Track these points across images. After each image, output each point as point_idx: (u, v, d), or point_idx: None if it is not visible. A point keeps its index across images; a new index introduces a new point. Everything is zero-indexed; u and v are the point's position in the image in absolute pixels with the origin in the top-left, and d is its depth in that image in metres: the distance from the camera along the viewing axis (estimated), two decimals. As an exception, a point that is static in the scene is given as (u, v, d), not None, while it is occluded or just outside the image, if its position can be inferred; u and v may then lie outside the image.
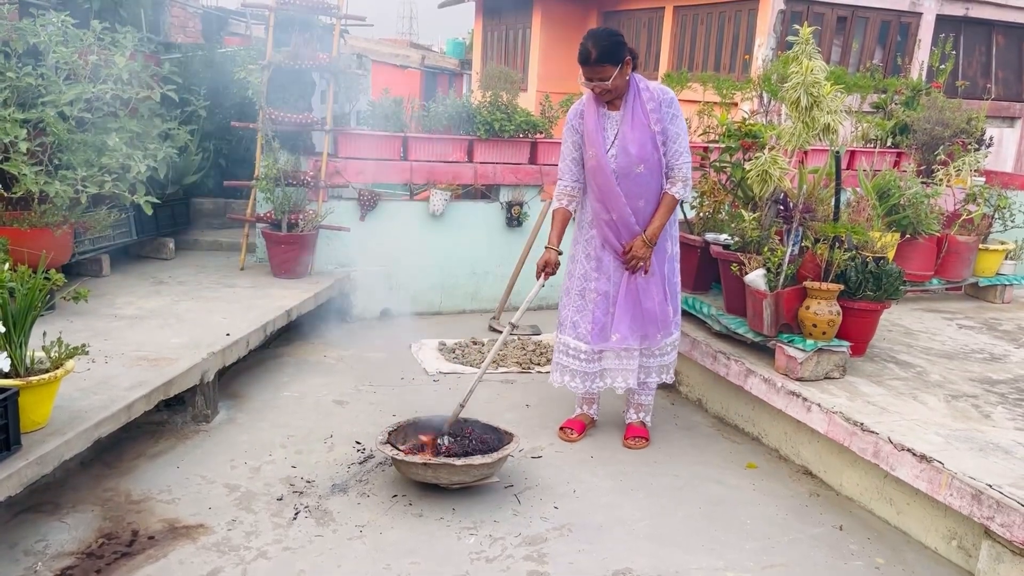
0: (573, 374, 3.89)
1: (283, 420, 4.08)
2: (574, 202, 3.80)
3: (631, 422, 4.03)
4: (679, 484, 3.59)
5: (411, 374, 4.84)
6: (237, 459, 3.61)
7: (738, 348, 4.16)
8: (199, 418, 3.95)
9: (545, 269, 3.70)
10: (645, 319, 3.74)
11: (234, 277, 5.47)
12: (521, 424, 4.12)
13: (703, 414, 4.44)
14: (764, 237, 4.09)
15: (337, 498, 3.31)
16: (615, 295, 3.74)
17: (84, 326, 4.24)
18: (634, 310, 3.73)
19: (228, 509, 3.18)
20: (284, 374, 4.74)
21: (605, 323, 3.77)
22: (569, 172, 3.78)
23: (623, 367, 3.81)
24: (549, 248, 3.72)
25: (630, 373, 3.80)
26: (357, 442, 3.84)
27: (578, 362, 3.86)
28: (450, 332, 5.72)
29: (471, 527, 3.14)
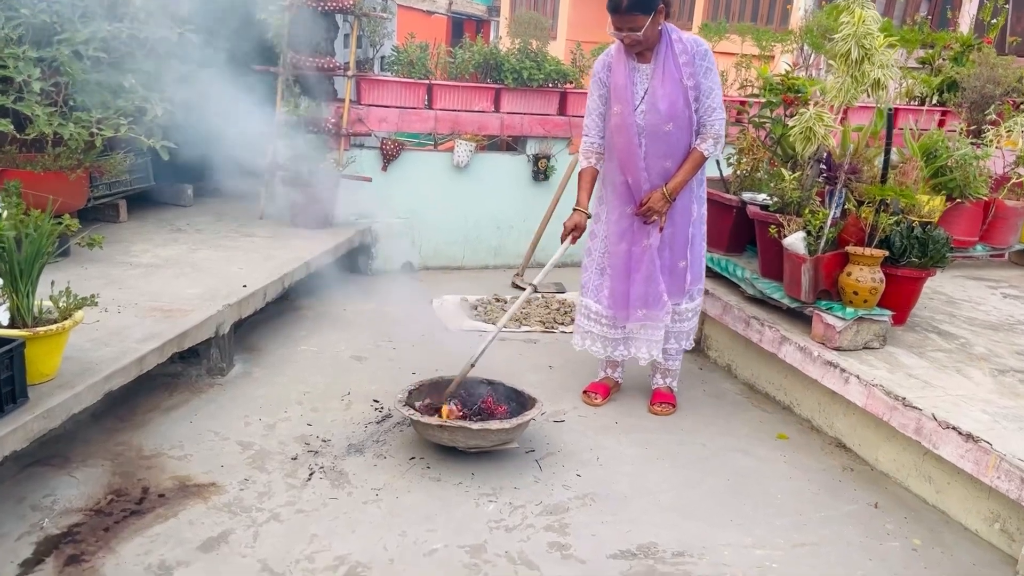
0: (594, 339, 3.74)
1: (300, 375, 3.98)
2: (602, 160, 3.61)
3: (657, 387, 3.89)
4: (706, 454, 3.46)
5: (432, 330, 4.72)
6: (252, 415, 3.52)
7: (772, 314, 3.99)
8: (214, 371, 3.86)
9: (572, 232, 3.52)
10: (665, 286, 3.57)
11: (253, 226, 5.35)
12: (543, 386, 4.00)
13: (732, 380, 4.29)
14: (805, 198, 3.89)
15: (353, 459, 3.22)
16: (634, 261, 3.57)
17: (98, 274, 4.14)
18: (654, 277, 3.55)
19: (241, 468, 3.09)
20: (302, 327, 4.63)
21: (624, 291, 3.60)
22: (595, 128, 3.58)
23: (648, 337, 3.65)
24: (577, 210, 3.54)
25: (655, 344, 3.65)
26: (375, 400, 3.74)
27: (600, 327, 3.71)
28: (472, 288, 5.58)
29: (490, 494, 3.04)
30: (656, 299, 3.57)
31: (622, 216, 3.56)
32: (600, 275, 3.69)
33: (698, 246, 3.65)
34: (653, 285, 3.56)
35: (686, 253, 3.59)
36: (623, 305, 3.63)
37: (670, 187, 3.42)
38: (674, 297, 3.63)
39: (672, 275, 3.59)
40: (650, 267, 3.53)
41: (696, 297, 3.72)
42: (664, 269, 3.56)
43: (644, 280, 3.56)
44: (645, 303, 3.58)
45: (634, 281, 3.58)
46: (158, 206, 5.66)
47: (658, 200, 3.42)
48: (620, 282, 3.61)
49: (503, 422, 3.13)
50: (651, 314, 3.60)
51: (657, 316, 3.60)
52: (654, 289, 3.56)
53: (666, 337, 3.71)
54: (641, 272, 3.56)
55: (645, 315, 3.61)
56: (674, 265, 3.59)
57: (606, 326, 3.70)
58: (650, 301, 3.58)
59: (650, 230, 3.51)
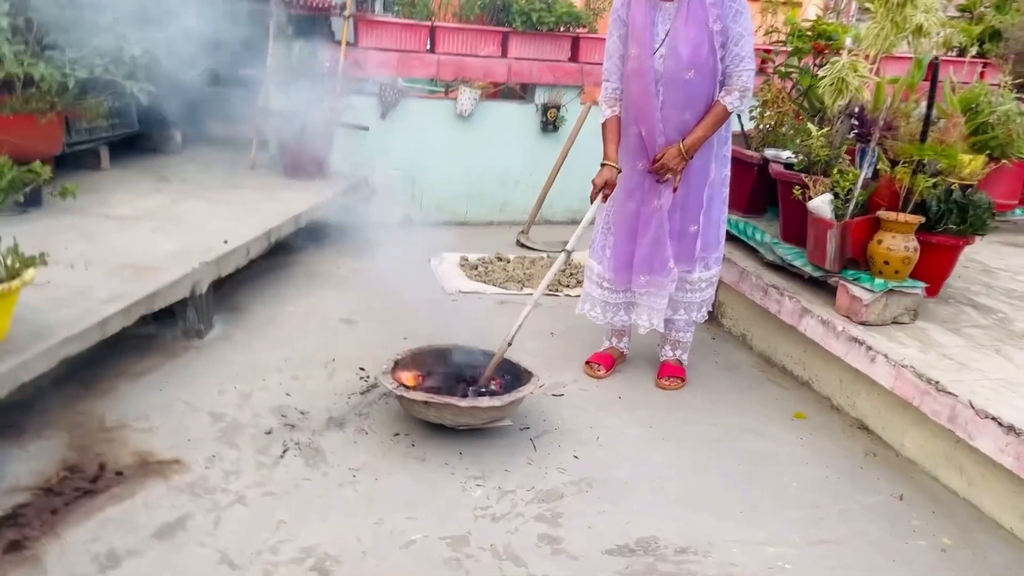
0: (594, 303, 3.46)
1: (284, 339, 3.72)
2: None
3: (666, 359, 3.60)
4: (716, 435, 3.19)
5: (428, 291, 4.44)
6: (227, 383, 3.27)
7: (793, 282, 3.68)
8: (190, 334, 3.60)
9: (603, 189, 3.19)
10: (672, 251, 3.26)
11: (243, 177, 5.05)
12: (543, 355, 3.72)
13: (747, 352, 3.99)
14: (833, 157, 3.54)
15: (332, 434, 2.97)
16: (642, 222, 3.26)
17: (70, 226, 3.87)
18: (661, 241, 3.24)
19: (209, 442, 2.85)
20: (291, 285, 4.37)
21: (627, 254, 3.30)
22: (616, 72, 3.24)
23: (650, 304, 3.36)
24: (606, 164, 3.20)
25: (656, 312, 3.36)
26: (361, 368, 3.48)
27: (601, 290, 3.42)
28: (474, 245, 5.28)
29: (478, 476, 2.78)
30: (661, 265, 3.27)
31: (632, 171, 3.24)
32: (606, 234, 3.39)
33: (716, 211, 3.33)
34: (659, 250, 3.25)
35: (698, 217, 3.27)
36: (625, 268, 3.34)
37: (687, 143, 3.09)
38: (682, 264, 3.33)
39: (681, 240, 3.28)
40: (658, 230, 3.23)
41: (712, 266, 3.41)
42: (673, 233, 3.25)
43: (650, 244, 3.25)
44: (649, 268, 3.29)
45: (639, 244, 3.27)
46: (144, 154, 5.37)
47: (673, 157, 3.10)
48: (624, 243, 3.31)
49: (494, 399, 2.86)
50: (654, 280, 3.31)
51: (661, 283, 3.30)
52: (660, 254, 3.26)
53: (675, 307, 3.42)
54: (648, 235, 3.25)
55: (648, 281, 3.31)
56: (684, 230, 3.28)
57: (607, 290, 3.41)
58: (655, 266, 3.28)
59: (662, 190, 3.19)
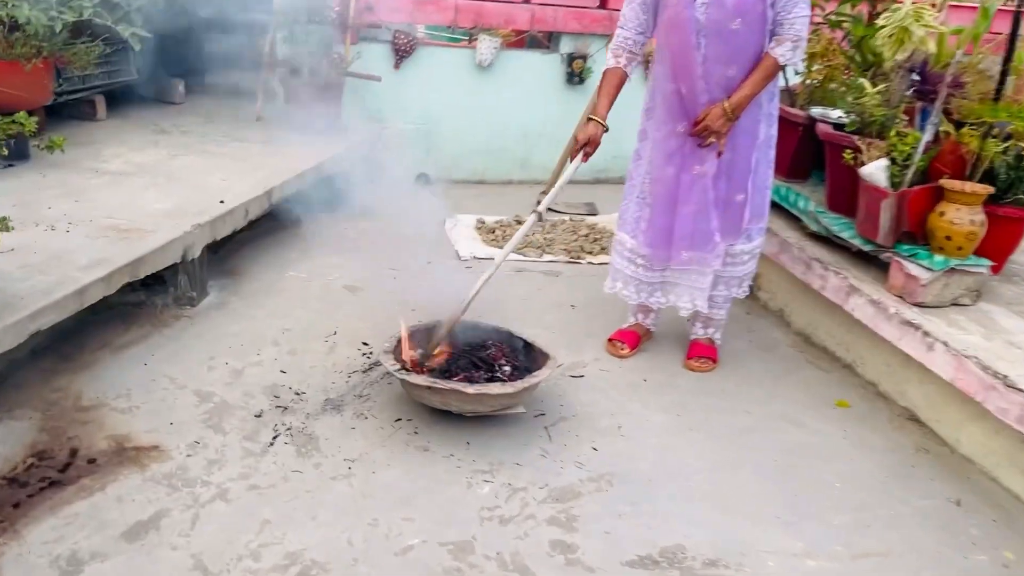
0: (627, 281, 3.15)
1: (283, 308, 3.46)
2: (634, 61, 2.93)
3: (696, 338, 3.30)
4: (750, 424, 2.90)
5: (441, 257, 4.15)
6: (218, 357, 3.02)
7: (839, 256, 3.34)
8: (182, 301, 3.35)
9: (585, 147, 2.88)
10: (718, 223, 2.94)
11: (247, 129, 4.76)
12: (562, 330, 3.44)
13: (784, 330, 3.68)
14: (890, 117, 3.17)
15: (328, 418, 2.71)
16: (682, 191, 2.93)
17: (56, 182, 3.61)
18: (705, 212, 2.92)
19: (193, 426, 2.60)
20: (294, 248, 4.10)
21: (667, 227, 2.98)
22: (635, 19, 2.89)
23: (692, 284, 3.06)
24: (592, 120, 2.88)
25: (699, 292, 3.05)
26: (364, 343, 3.21)
27: (634, 267, 3.11)
28: (492, 206, 4.97)
29: (486, 470, 2.52)
30: (705, 239, 2.96)
31: (671, 135, 2.90)
32: (640, 205, 3.07)
33: (762, 175, 2.99)
34: (703, 222, 2.93)
35: (746, 184, 2.94)
36: (664, 243, 3.02)
37: (733, 102, 2.74)
38: (727, 237, 3.01)
39: (727, 210, 2.96)
40: (701, 200, 2.90)
41: (755, 237, 3.09)
42: (718, 203, 2.93)
43: (692, 215, 2.93)
44: (691, 243, 2.97)
45: (680, 215, 2.95)
46: (144, 104, 5.07)
47: (717, 118, 2.76)
48: (663, 216, 2.99)
49: (505, 386, 2.58)
50: (698, 256, 2.99)
51: (705, 260, 2.99)
52: (704, 227, 2.94)
53: (714, 282, 3.10)
54: (690, 205, 2.93)
55: (690, 257, 3.00)
56: (730, 199, 2.95)
57: (642, 267, 3.10)
58: (697, 241, 2.96)
59: (704, 155, 2.86)
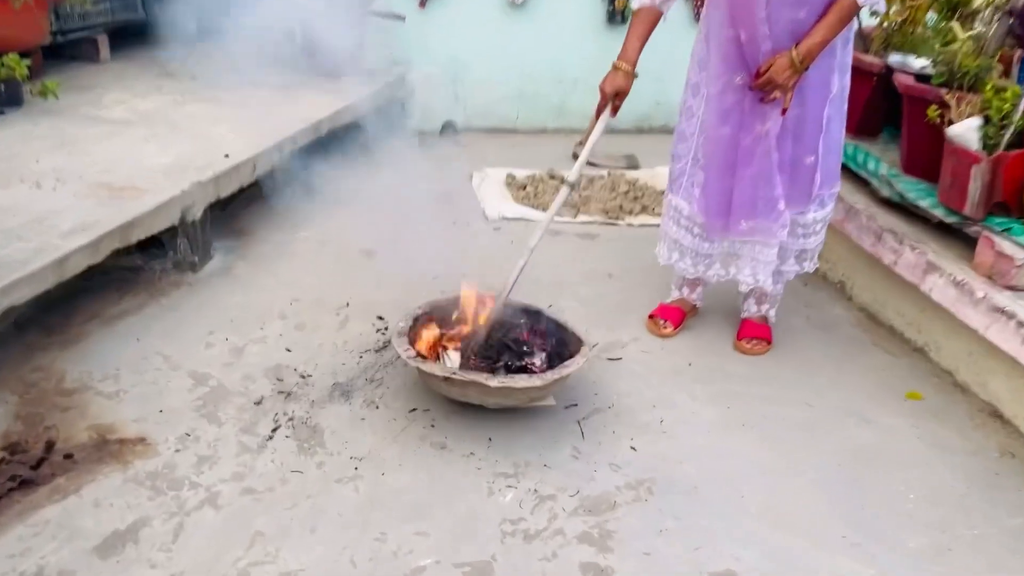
0: (683, 252, 2.80)
1: (292, 274, 3.17)
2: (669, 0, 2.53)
3: (749, 316, 2.96)
4: (809, 420, 2.56)
5: (466, 216, 3.83)
6: (218, 332, 2.74)
7: (915, 227, 2.95)
8: (183, 267, 3.07)
9: (614, 100, 2.50)
10: (783, 189, 2.57)
11: (261, 73, 4.39)
12: (597, 304, 3.11)
13: (846, 304, 3.31)
14: (984, 68, 2.75)
15: (335, 407, 2.43)
16: (742, 153, 2.56)
17: (49, 132, 3.33)
18: (768, 176, 2.55)
19: (185, 415, 2.34)
20: (310, 204, 3.78)
21: (723, 193, 2.62)
22: None
23: (755, 256, 2.70)
24: (617, 67, 2.49)
25: (763, 266, 2.69)
26: (379, 317, 2.92)
27: (691, 237, 2.76)
28: (524, 158, 4.60)
29: (510, 473, 2.23)
30: (769, 207, 2.59)
31: (728, 88, 2.52)
32: (692, 167, 2.70)
33: (835, 134, 2.60)
34: (765, 188, 2.56)
35: (816, 144, 2.56)
36: (721, 212, 2.66)
37: (803, 50, 2.34)
38: (794, 205, 2.64)
39: (794, 174, 2.58)
40: (763, 163, 2.53)
41: (828, 203, 2.72)
42: (784, 166, 2.55)
43: (753, 180, 2.56)
44: (752, 211, 2.61)
45: (740, 180, 2.58)
46: (153, 45, 4.73)
47: (784, 69, 2.36)
48: (719, 180, 2.62)
49: (532, 378, 2.27)
50: (760, 226, 2.63)
51: (769, 230, 2.63)
52: (766, 193, 2.57)
53: (782, 254, 2.74)
54: (750, 169, 2.55)
55: (751, 228, 2.64)
56: (798, 161, 2.57)
57: (697, 237, 2.75)
58: (759, 209, 2.60)
59: (768, 111, 2.47)
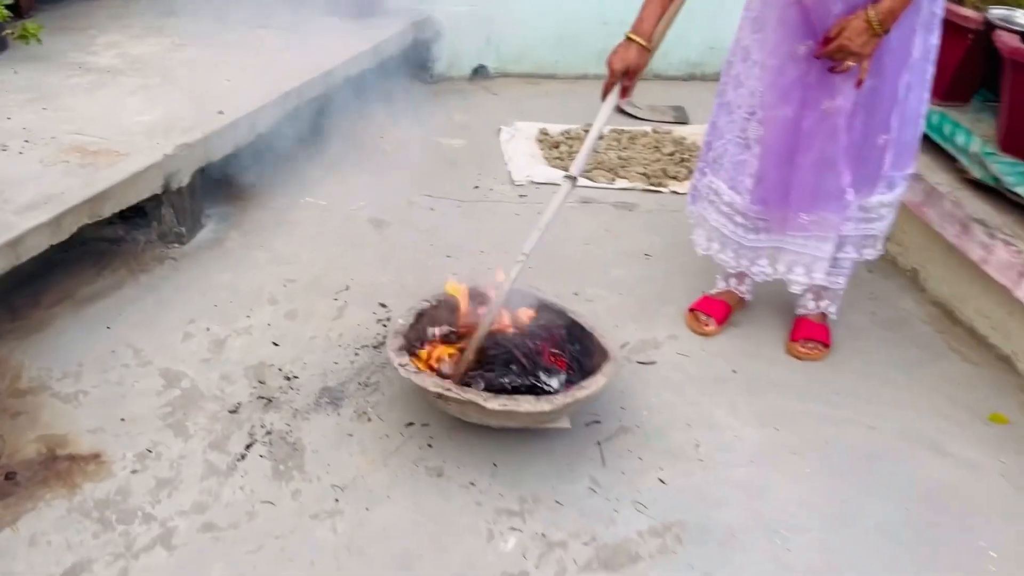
0: (724, 243, 2.40)
1: (290, 249, 2.85)
2: None
3: (806, 314, 2.56)
4: (872, 447, 2.19)
5: (491, 179, 3.44)
6: (200, 320, 2.44)
7: (1012, 217, 2.49)
8: (168, 238, 2.77)
9: (623, 79, 2.07)
10: (850, 176, 2.15)
11: (272, 12, 4.02)
12: (630, 292, 2.74)
13: (917, 297, 2.88)
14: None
15: (320, 418, 2.12)
16: (804, 135, 2.12)
17: (28, 82, 3.01)
18: (833, 162, 2.12)
19: (149, 425, 2.05)
20: (317, 165, 3.44)
21: (781, 182, 2.20)
22: None
23: (810, 251, 2.30)
24: (630, 39, 2.05)
25: (818, 262, 2.30)
26: (381, 304, 2.58)
27: (733, 225, 2.35)
28: (560, 109, 4.18)
29: (515, 511, 1.91)
30: (832, 197, 2.18)
31: (788, 61, 2.07)
32: (742, 148, 2.28)
33: (914, 104, 2.15)
34: (830, 175, 2.14)
35: (889, 121, 2.11)
36: (779, 202, 2.24)
37: (883, 9, 1.88)
38: (863, 191, 2.22)
39: (863, 156, 2.15)
40: (829, 147, 2.10)
41: (899, 184, 2.28)
42: (851, 148, 2.12)
43: (816, 166, 2.14)
44: (813, 203, 2.19)
45: (799, 167, 2.16)
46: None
47: (859, 33, 1.91)
48: (776, 167, 2.20)
49: (539, 401, 1.92)
50: (821, 219, 2.22)
51: (829, 222, 2.22)
52: (831, 182, 2.15)
53: (840, 241, 2.34)
54: (812, 153, 2.13)
55: (811, 221, 2.23)
56: (868, 142, 2.14)
57: (741, 226, 2.34)
58: (821, 200, 2.19)
59: (837, 85, 2.03)
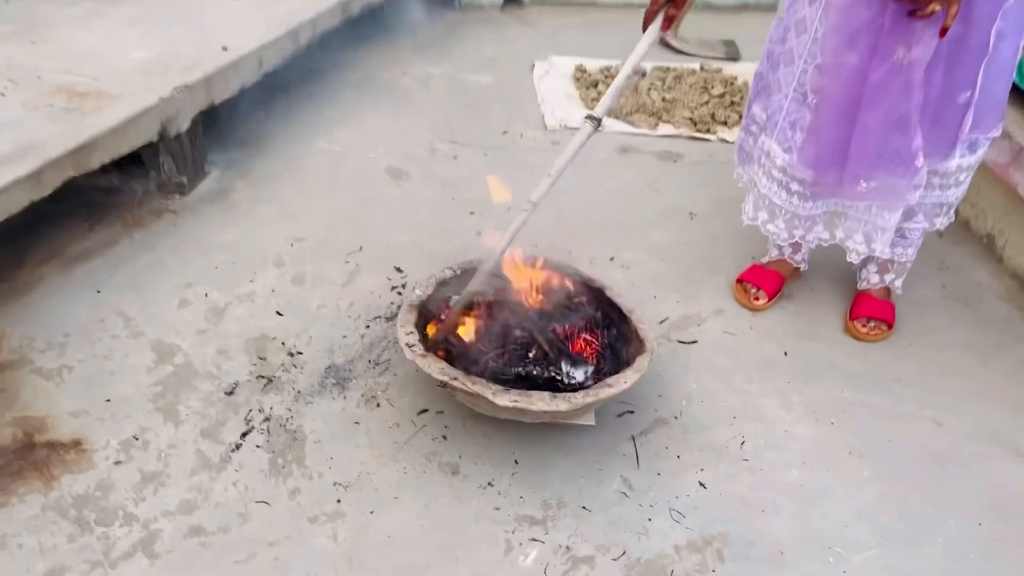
0: (774, 212, 2.12)
1: (300, 201, 2.61)
2: None
3: (868, 288, 2.29)
4: (941, 446, 1.94)
5: (521, 123, 3.15)
6: (198, 284, 2.23)
7: (1115, 184, 2.18)
8: (168, 188, 2.54)
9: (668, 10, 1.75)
10: (923, 138, 1.84)
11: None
12: (671, 258, 2.47)
13: (994, 268, 2.57)
14: None
15: (326, 403, 1.92)
16: (871, 89, 1.81)
17: (19, 11, 2.78)
18: (905, 122, 1.81)
19: (137, 407, 1.87)
20: (334, 106, 3.17)
21: (840, 142, 1.90)
22: None
23: (873, 220, 2.02)
24: None
25: (881, 233, 2.02)
26: (397, 268, 2.35)
27: (787, 194, 2.06)
28: (602, 41, 3.84)
29: (537, 519, 1.70)
30: (899, 162, 1.88)
31: (858, 1, 1.75)
32: (797, 104, 1.97)
33: (1005, 54, 1.80)
34: (898, 137, 1.84)
35: (974, 77, 1.79)
36: (834, 163, 1.95)
37: None
38: (935, 156, 1.92)
39: (939, 115, 1.85)
40: (900, 103, 1.79)
41: (981, 146, 1.98)
42: (927, 106, 1.81)
43: (882, 126, 1.84)
44: (875, 167, 1.90)
45: (864, 126, 1.85)
46: None
47: (950, -26, 1.59)
48: (835, 125, 1.89)
49: (555, 399, 1.68)
50: (888, 185, 1.93)
51: (894, 190, 1.93)
52: (900, 145, 1.85)
53: (908, 209, 2.05)
54: (880, 111, 1.82)
55: (875, 188, 1.94)
56: (948, 99, 1.82)
57: (797, 194, 2.05)
58: (885, 164, 1.89)
59: (917, 32, 1.70)
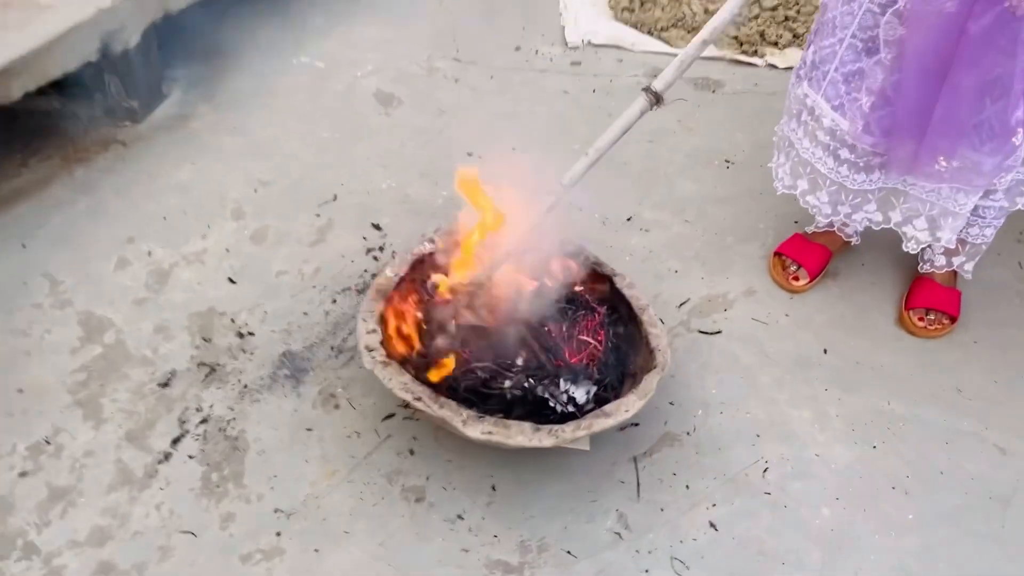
0: (817, 183, 1.74)
1: (269, 131, 2.25)
2: None
3: (930, 272, 1.92)
4: (1004, 484, 1.63)
5: (537, 36, 2.70)
6: (141, 239, 1.92)
7: None
8: (117, 113, 2.19)
9: None
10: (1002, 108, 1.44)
11: None
12: (700, 220, 2.10)
13: (1082, 244, 2.18)
14: None
15: (275, 400, 1.64)
16: (965, 46, 1.38)
17: None
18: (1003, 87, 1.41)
19: (55, 400, 1.60)
20: (319, 12, 2.71)
21: (920, 108, 1.49)
22: None
23: (941, 201, 1.64)
24: None
25: (952, 218, 1.65)
26: (375, 226, 2.01)
27: (834, 161, 1.68)
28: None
29: (510, 566, 1.44)
30: (993, 134, 1.49)
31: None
32: (862, 52, 1.55)
33: None
34: (996, 105, 1.44)
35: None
36: (910, 132, 1.55)
37: None
38: None
39: None
40: (1001, 63, 1.38)
41: None
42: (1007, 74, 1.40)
43: (978, 90, 1.43)
44: (959, 140, 1.51)
45: (954, 89, 1.44)
46: None
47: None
48: (918, 86, 1.48)
49: (540, 432, 1.36)
50: (972, 163, 1.54)
51: (982, 170, 1.54)
52: (996, 115, 1.46)
53: (990, 191, 1.67)
54: (977, 71, 1.41)
55: (956, 168, 1.55)
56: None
57: (848, 164, 1.66)
58: (976, 136, 1.50)
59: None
